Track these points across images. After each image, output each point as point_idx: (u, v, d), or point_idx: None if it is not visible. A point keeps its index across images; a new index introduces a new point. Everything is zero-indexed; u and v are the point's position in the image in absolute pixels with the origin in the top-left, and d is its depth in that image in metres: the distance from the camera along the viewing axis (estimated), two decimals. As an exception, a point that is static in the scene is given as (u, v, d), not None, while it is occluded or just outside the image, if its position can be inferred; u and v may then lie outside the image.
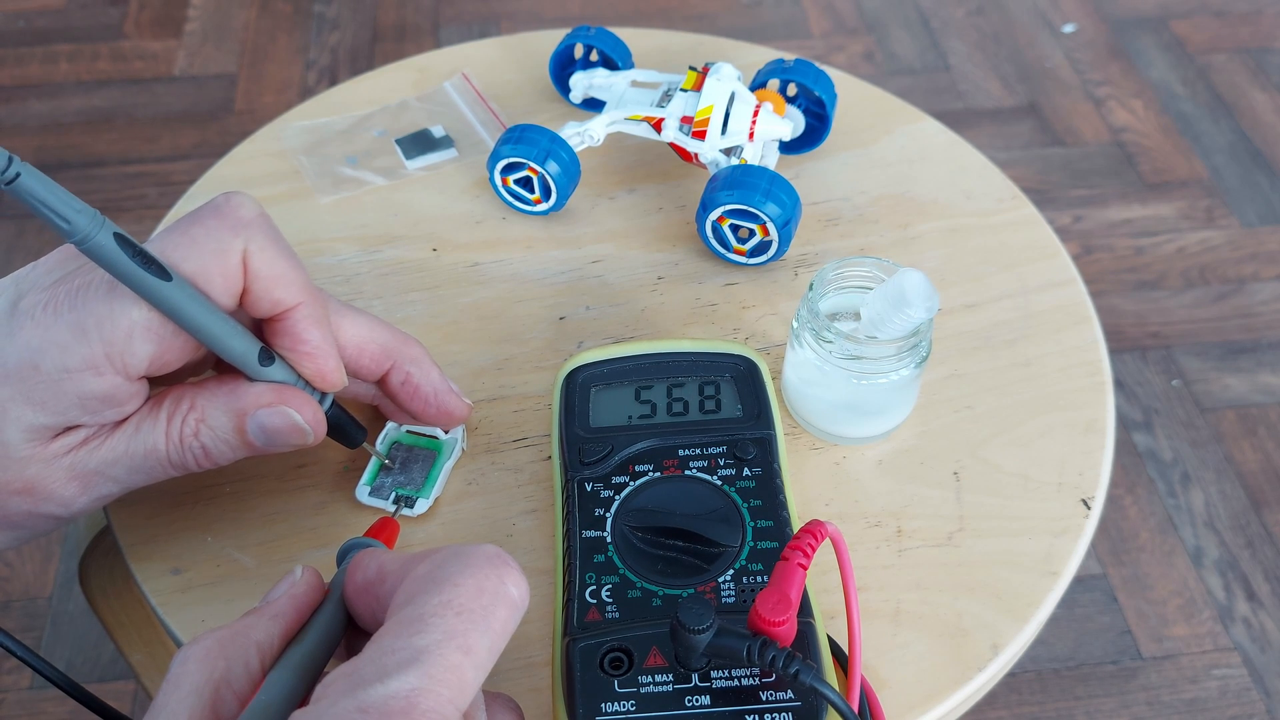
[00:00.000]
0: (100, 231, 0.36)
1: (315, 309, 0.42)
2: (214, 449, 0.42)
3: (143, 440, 0.41)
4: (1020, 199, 0.62)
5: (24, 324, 0.38)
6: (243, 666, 0.33)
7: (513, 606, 0.32)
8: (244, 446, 0.42)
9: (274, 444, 0.42)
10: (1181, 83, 1.68)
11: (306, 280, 0.42)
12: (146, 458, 0.41)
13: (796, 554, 0.38)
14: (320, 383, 0.43)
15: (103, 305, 0.38)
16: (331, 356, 0.43)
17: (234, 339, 0.40)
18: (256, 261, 0.40)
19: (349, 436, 0.47)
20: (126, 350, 0.38)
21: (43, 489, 0.40)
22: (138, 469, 0.41)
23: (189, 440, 0.41)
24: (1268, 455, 1.25)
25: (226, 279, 0.40)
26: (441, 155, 0.64)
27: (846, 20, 1.79)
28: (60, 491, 0.40)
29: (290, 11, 1.80)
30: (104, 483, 0.41)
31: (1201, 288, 1.41)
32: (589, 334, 0.55)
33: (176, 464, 0.42)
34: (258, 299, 0.41)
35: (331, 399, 0.45)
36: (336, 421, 0.46)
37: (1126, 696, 1.08)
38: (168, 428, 0.41)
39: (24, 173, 0.34)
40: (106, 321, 0.38)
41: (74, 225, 0.36)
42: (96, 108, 1.63)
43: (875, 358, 0.46)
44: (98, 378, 0.38)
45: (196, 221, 0.40)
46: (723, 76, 0.58)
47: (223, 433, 0.42)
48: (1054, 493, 0.49)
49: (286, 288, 0.41)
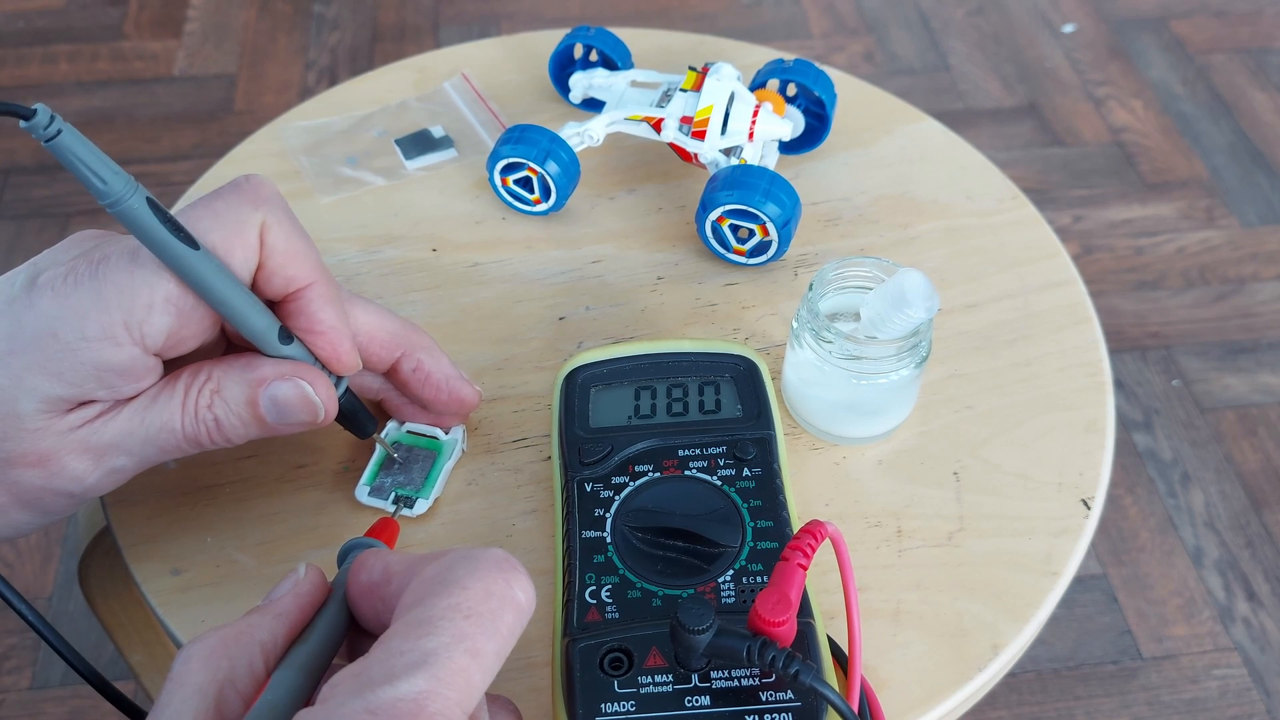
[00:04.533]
0: (134, 195, 0.37)
1: (329, 289, 0.42)
2: (226, 422, 0.42)
3: (159, 412, 0.41)
4: (1020, 199, 0.62)
5: (43, 294, 0.38)
6: (246, 666, 0.32)
7: (520, 611, 0.32)
8: (255, 421, 0.42)
9: (285, 418, 0.42)
10: (1181, 83, 1.68)
11: (320, 261, 0.42)
12: (161, 430, 0.41)
13: (796, 554, 0.38)
14: (335, 363, 0.43)
15: (124, 275, 0.38)
16: (346, 338, 0.43)
17: (256, 314, 0.41)
18: (273, 236, 0.40)
19: (360, 425, 0.47)
20: (146, 321, 0.38)
21: (56, 462, 0.40)
22: (152, 442, 0.41)
23: (203, 412, 0.41)
24: (1268, 455, 1.25)
25: (246, 251, 0.40)
26: (441, 155, 0.64)
27: (846, 20, 1.79)
28: (73, 465, 0.40)
29: (290, 12, 1.80)
30: (117, 456, 0.41)
31: (1201, 288, 1.41)
32: (589, 334, 0.55)
33: (190, 437, 0.41)
34: (272, 275, 0.41)
35: (345, 386, 0.45)
36: (350, 409, 0.46)
37: (1126, 696, 1.08)
38: (184, 398, 0.41)
39: (65, 130, 0.35)
40: (127, 291, 0.38)
41: (110, 186, 0.36)
42: (96, 108, 1.63)
43: (875, 358, 0.46)
44: (116, 348, 0.38)
45: (218, 196, 0.40)
46: (722, 76, 0.58)
47: (236, 405, 0.41)
48: (1054, 493, 0.49)
49: (301, 264, 0.41)
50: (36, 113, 0.34)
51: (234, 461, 0.50)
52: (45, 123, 0.34)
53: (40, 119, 0.34)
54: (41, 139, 0.35)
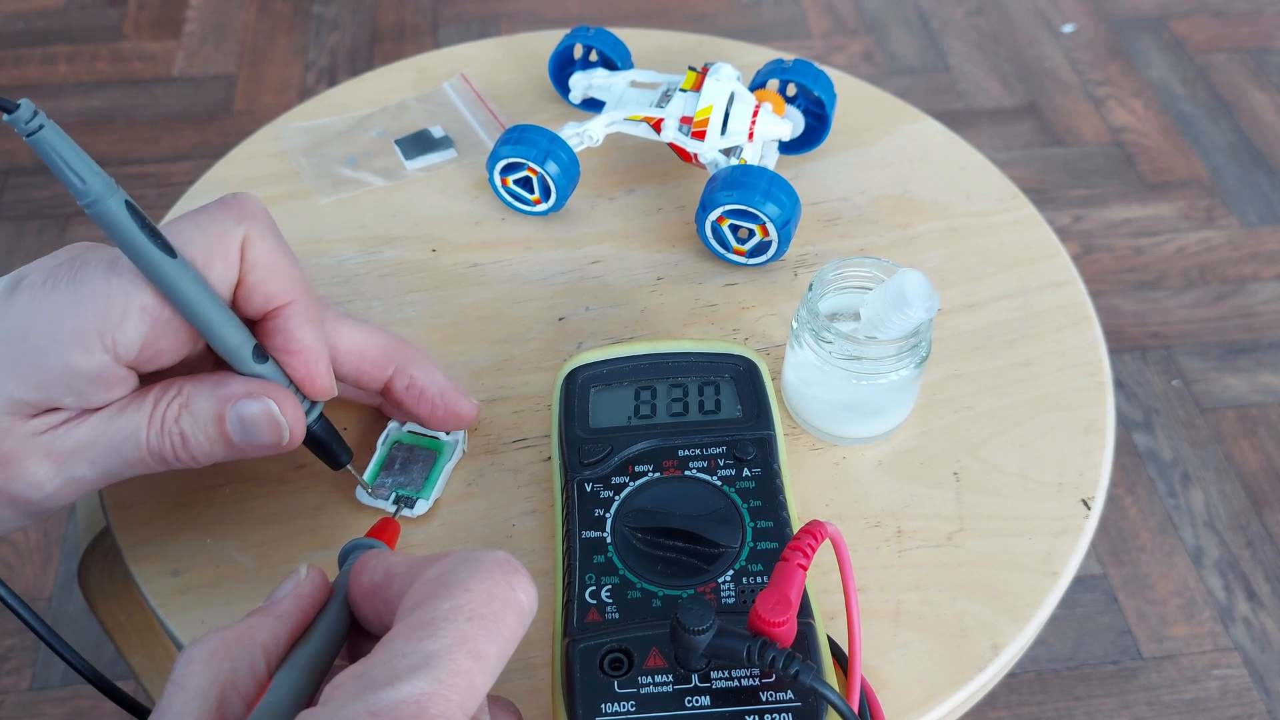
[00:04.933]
0: (112, 196, 0.37)
1: (308, 309, 0.42)
2: (192, 437, 0.41)
3: (125, 422, 0.40)
4: (1020, 199, 0.62)
5: (21, 297, 0.39)
6: (248, 668, 0.32)
7: (522, 614, 0.32)
8: (222, 439, 0.41)
9: (250, 438, 0.41)
10: (1181, 83, 1.68)
11: (302, 280, 0.42)
12: (126, 440, 0.40)
13: (796, 554, 0.38)
14: (309, 386, 0.42)
15: (100, 282, 0.38)
16: (322, 360, 0.42)
17: (230, 329, 0.40)
18: (255, 251, 0.40)
19: (333, 455, 0.45)
20: (119, 328, 0.38)
21: (15, 465, 0.39)
22: (115, 452, 0.40)
23: (170, 425, 0.40)
24: (1268, 455, 1.25)
25: (226, 264, 0.40)
26: (441, 156, 0.64)
27: (846, 20, 1.79)
28: (33, 469, 0.39)
29: (290, 12, 1.80)
30: (79, 465, 0.40)
31: (1201, 288, 1.41)
32: (589, 334, 0.55)
33: (154, 451, 0.41)
34: (251, 290, 0.40)
35: (320, 412, 0.44)
36: (323, 436, 0.45)
37: (1127, 696, 1.08)
38: (152, 409, 0.40)
39: (46, 126, 0.35)
40: (103, 297, 0.38)
41: (88, 186, 0.36)
42: (96, 109, 1.63)
43: (875, 358, 0.46)
44: (86, 353, 0.38)
45: (203, 210, 0.40)
46: (722, 77, 0.58)
47: (203, 420, 0.41)
48: (1054, 493, 0.49)
49: (281, 281, 0.41)
50: (20, 106, 0.34)
51: (234, 462, 0.50)
52: (27, 117, 0.35)
53: (23, 113, 0.35)
54: (23, 133, 0.35)
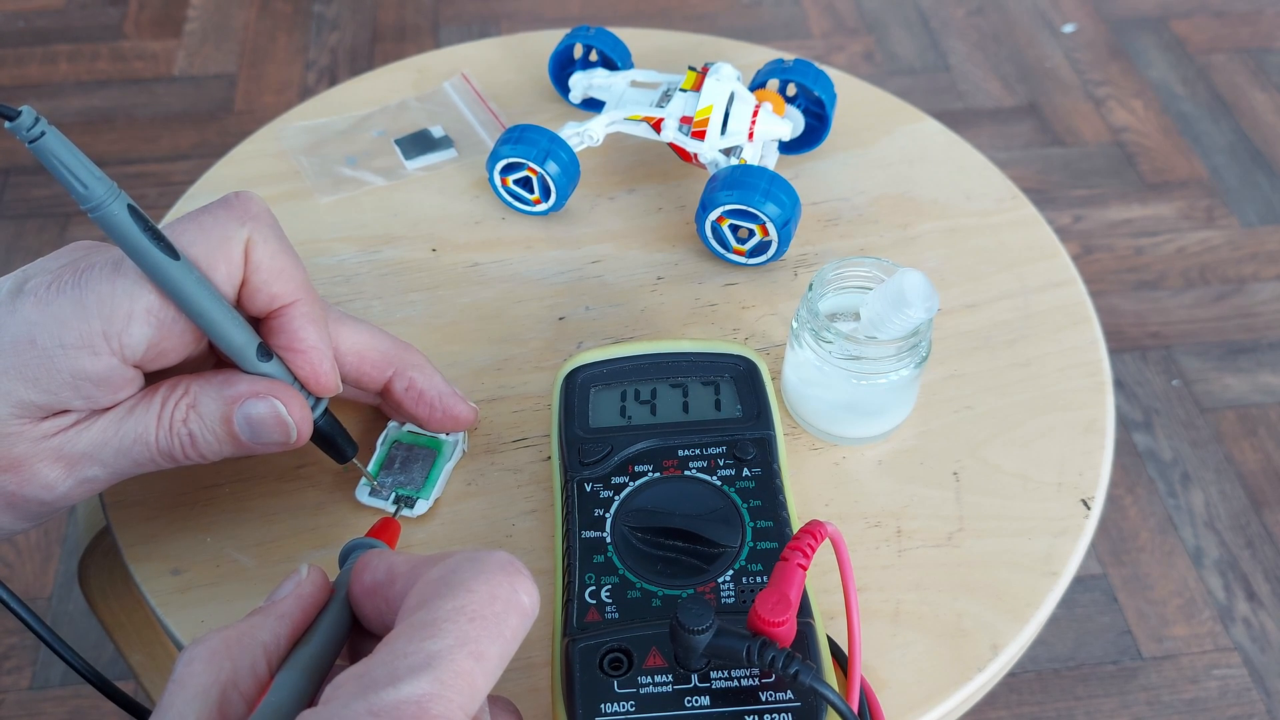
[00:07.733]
0: (115, 200, 0.37)
1: (312, 308, 0.42)
2: (200, 437, 0.41)
3: (134, 423, 0.40)
4: (1020, 199, 0.62)
5: (26, 301, 0.39)
6: (249, 668, 0.32)
7: (524, 614, 0.32)
8: (229, 439, 0.42)
9: (257, 437, 0.42)
10: (1181, 83, 1.68)
11: (305, 280, 0.42)
12: (135, 442, 0.40)
13: (796, 554, 0.38)
14: (314, 384, 0.43)
15: (105, 285, 0.38)
16: (326, 358, 0.42)
17: (235, 329, 0.40)
18: (259, 252, 0.40)
19: (339, 450, 0.46)
20: (125, 331, 0.38)
21: (28, 468, 0.40)
22: (125, 454, 0.41)
23: (178, 426, 0.41)
24: (1268, 455, 1.25)
25: (229, 266, 0.40)
26: (441, 155, 0.64)
27: (846, 20, 1.79)
28: (45, 473, 0.40)
29: (290, 11, 1.80)
30: (90, 466, 0.40)
31: (1201, 288, 1.41)
32: (589, 334, 0.55)
33: (164, 451, 0.41)
34: (255, 291, 0.41)
35: (325, 408, 0.44)
36: (329, 432, 0.45)
37: (1126, 696, 1.08)
38: (160, 411, 0.41)
39: (48, 132, 0.35)
40: (108, 300, 0.38)
41: (90, 191, 0.36)
42: (96, 108, 1.63)
43: (875, 358, 0.46)
44: (93, 356, 0.38)
45: (206, 211, 0.41)
46: (722, 77, 0.58)
47: (210, 421, 0.41)
48: (1054, 493, 0.49)
49: (285, 282, 0.41)
50: (21, 114, 0.34)
51: (234, 461, 0.50)
52: (29, 124, 0.35)
53: (24, 120, 0.34)
54: (25, 140, 0.35)
